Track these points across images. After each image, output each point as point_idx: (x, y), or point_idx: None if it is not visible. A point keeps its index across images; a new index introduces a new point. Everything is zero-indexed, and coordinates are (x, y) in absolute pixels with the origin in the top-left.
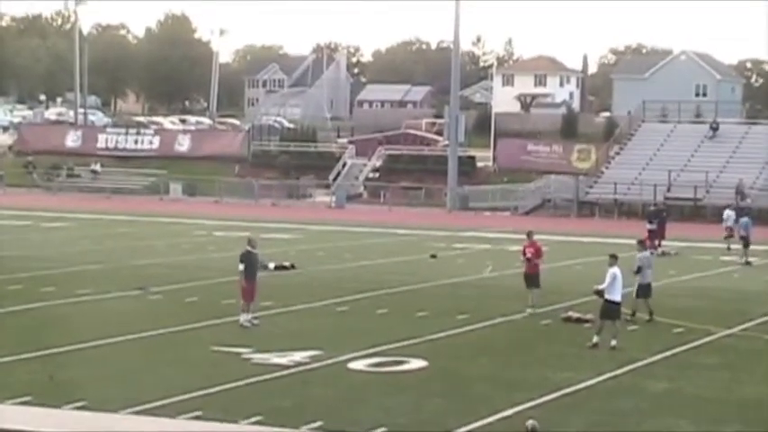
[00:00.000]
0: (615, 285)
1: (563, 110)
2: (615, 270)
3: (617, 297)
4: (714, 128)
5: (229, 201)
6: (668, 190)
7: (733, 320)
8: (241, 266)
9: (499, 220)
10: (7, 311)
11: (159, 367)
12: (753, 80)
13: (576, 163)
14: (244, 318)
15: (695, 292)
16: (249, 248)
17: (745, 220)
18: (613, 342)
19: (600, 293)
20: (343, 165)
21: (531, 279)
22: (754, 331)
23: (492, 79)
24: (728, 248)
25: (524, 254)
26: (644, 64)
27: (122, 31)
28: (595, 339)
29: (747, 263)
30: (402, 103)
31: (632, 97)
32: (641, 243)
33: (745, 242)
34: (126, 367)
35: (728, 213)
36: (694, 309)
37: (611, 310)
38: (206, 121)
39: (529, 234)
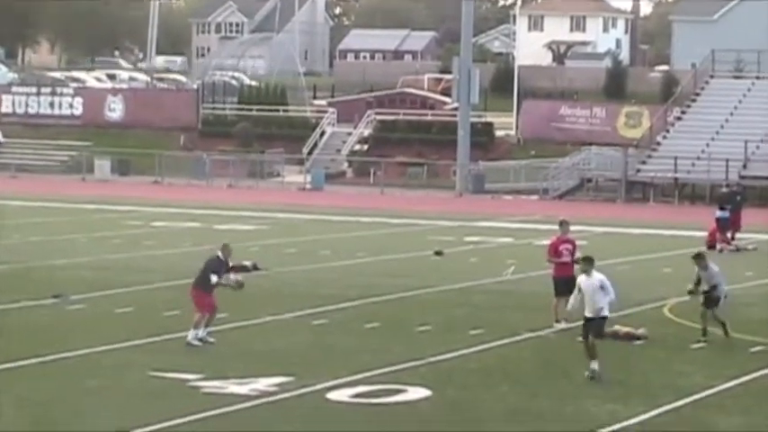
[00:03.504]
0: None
1: (607, 62)
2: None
3: (604, 311)
4: None
5: (173, 181)
6: (744, 166)
7: None
8: (214, 278)
9: (524, 206)
10: None
11: (79, 398)
12: None
13: (623, 131)
14: (193, 334)
15: None
16: (220, 255)
17: None
18: (594, 366)
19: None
20: (321, 134)
21: (565, 284)
22: None
23: (515, 22)
24: None
25: (555, 251)
26: (713, 2)
27: None
28: (593, 366)
29: None
30: (398, 54)
31: (698, 46)
32: (699, 255)
33: None
34: (36, 398)
35: None
36: None
37: (593, 326)
38: (142, 77)
39: (562, 224)
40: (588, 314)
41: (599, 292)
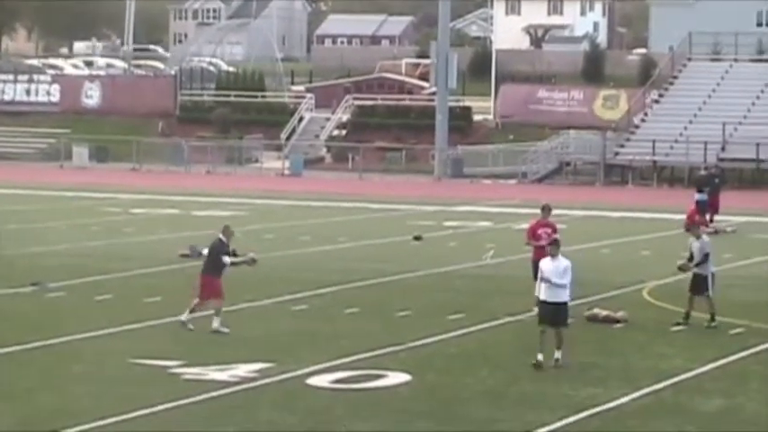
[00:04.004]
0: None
1: (585, 46)
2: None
3: (554, 296)
4: None
5: (151, 168)
6: (723, 149)
7: None
8: (227, 259)
9: (503, 190)
10: None
11: (61, 386)
12: None
13: (600, 112)
14: (188, 317)
15: (758, 282)
16: (222, 238)
17: None
18: (557, 354)
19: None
20: (300, 120)
21: None
22: None
23: (492, 6)
24: None
25: (534, 235)
26: None
27: None
28: (539, 357)
29: None
30: (375, 39)
31: (675, 28)
32: (694, 225)
33: None
34: (17, 386)
35: None
36: (757, 303)
37: (550, 313)
38: (119, 64)
39: (544, 209)
40: (548, 298)
41: (564, 276)
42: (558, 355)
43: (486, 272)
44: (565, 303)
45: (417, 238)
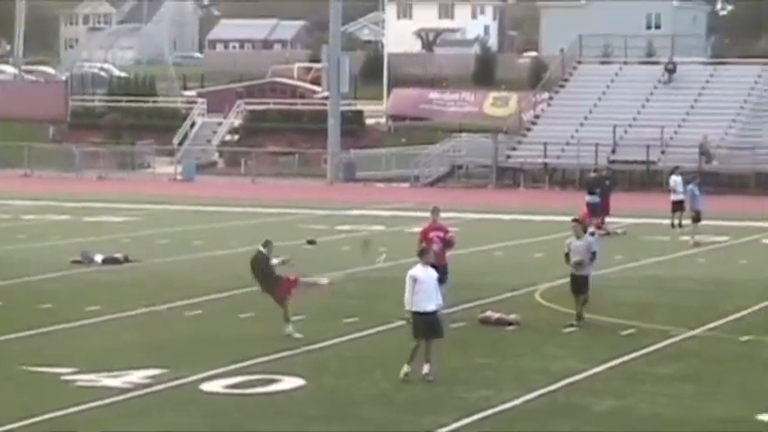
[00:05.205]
0: (427, 292)
1: (476, 49)
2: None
3: (429, 306)
4: (670, 69)
5: (42, 174)
6: (613, 151)
7: (697, 319)
8: (275, 260)
9: (396, 194)
10: None
11: None
12: (719, 7)
13: (489, 110)
14: (290, 328)
15: (649, 283)
16: (263, 250)
17: (690, 187)
18: (426, 369)
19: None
20: (192, 125)
21: (437, 272)
22: (724, 332)
23: (384, 10)
24: (673, 225)
25: (426, 238)
26: None
27: None
28: (406, 369)
29: (696, 244)
30: (267, 44)
31: (565, 31)
32: (578, 222)
33: (695, 217)
34: None
35: (675, 180)
36: (648, 304)
37: (425, 324)
38: (9, 69)
39: (434, 212)
40: (428, 307)
41: (436, 286)
42: (426, 369)
43: (379, 275)
44: (435, 312)
45: (311, 243)
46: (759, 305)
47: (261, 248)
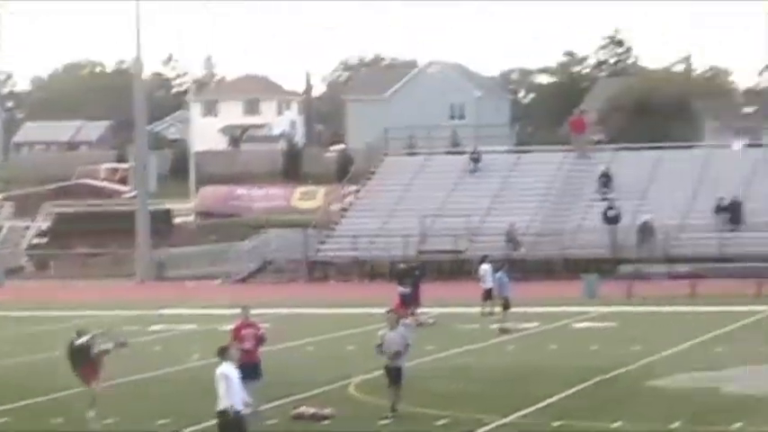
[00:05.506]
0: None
1: (282, 144)
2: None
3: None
4: (475, 159)
5: None
6: (422, 241)
7: (509, 406)
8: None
9: (207, 292)
10: None
11: None
12: (521, 95)
13: (297, 204)
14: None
15: (461, 372)
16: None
17: (499, 275)
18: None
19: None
20: None
21: (250, 370)
22: (536, 418)
23: (189, 108)
24: (483, 314)
25: (238, 336)
26: (384, 80)
27: None
28: None
29: (503, 330)
30: (73, 145)
31: (371, 123)
32: (392, 312)
33: (505, 304)
34: None
35: (485, 268)
36: (460, 393)
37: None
38: None
39: (243, 309)
40: (239, 406)
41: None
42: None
43: (192, 375)
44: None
45: (122, 345)
46: (570, 390)
47: (79, 339)
